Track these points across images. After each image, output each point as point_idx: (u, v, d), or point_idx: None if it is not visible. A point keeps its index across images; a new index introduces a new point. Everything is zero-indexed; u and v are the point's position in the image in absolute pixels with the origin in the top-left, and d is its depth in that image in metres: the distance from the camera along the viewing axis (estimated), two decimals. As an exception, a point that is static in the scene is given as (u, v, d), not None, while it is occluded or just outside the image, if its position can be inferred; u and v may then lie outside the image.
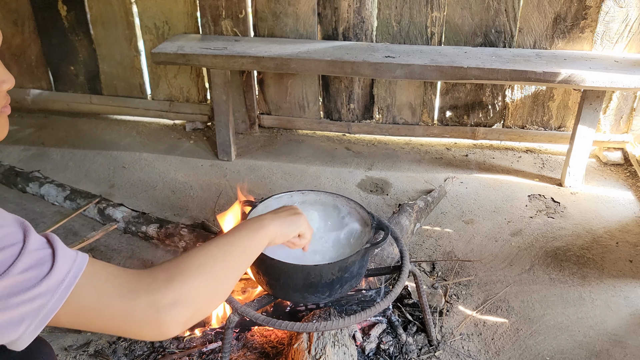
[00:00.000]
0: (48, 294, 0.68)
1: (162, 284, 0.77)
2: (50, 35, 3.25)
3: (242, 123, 3.21)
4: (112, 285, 0.74)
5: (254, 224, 1.06)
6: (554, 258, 2.21)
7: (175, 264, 0.82)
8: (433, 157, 3.03)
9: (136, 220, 2.27)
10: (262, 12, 2.94)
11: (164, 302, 0.75)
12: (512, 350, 1.76)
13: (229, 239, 0.96)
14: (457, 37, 2.87)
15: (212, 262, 0.86)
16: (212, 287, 0.84)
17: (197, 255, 0.86)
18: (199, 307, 0.81)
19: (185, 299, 0.78)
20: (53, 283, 0.68)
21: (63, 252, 0.72)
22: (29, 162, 2.88)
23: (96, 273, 0.74)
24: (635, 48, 2.75)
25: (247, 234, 1.00)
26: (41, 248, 0.70)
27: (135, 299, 0.74)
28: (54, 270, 0.69)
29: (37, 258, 0.69)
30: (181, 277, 0.79)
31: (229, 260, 0.91)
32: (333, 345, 1.47)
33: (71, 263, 0.71)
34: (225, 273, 0.88)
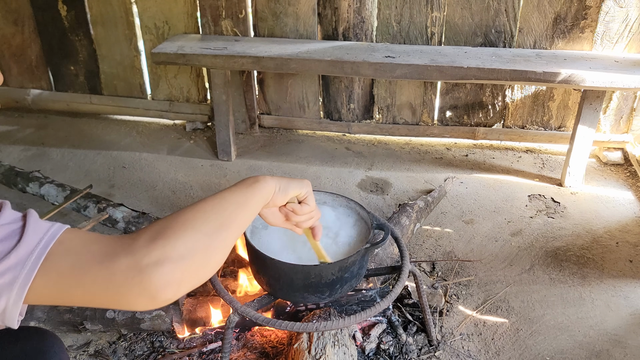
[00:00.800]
0: (18, 266, 0.65)
1: (144, 243, 0.70)
2: (50, 35, 3.25)
3: (242, 123, 3.21)
4: (90, 250, 0.69)
5: (249, 179, 0.97)
6: (554, 258, 2.21)
7: (159, 223, 0.75)
8: (433, 157, 3.03)
9: (136, 220, 2.27)
10: (262, 12, 2.94)
11: (147, 261, 0.68)
12: (512, 350, 1.76)
13: (220, 194, 0.88)
14: (457, 37, 2.87)
15: (200, 216, 0.79)
16: (204, 243, 0.76)
17: (183, 212, 0.79)
18: (191, 265, 0.73)
19: (172, 256, 0.70)
20: (22, 254, 0.66)
21: (35, 223, 0.69)
22: (29, 162, 2.88)
23: (73, 240, 0.70)
24: (635, 48, 2.75)
25: (239, 189, 0.93)
26: (12, 222, 0.68)
27: (115, 261, 0.68)
28: (23, 241, 0.66)
29: (7, 232, 0.67)
30: (165, 234, 0.72)
31: (221, 213, 0.83)
32: (333, 345, 1.47)
33: (43, 233, 0.68)
34: (217, 227, 0.79)
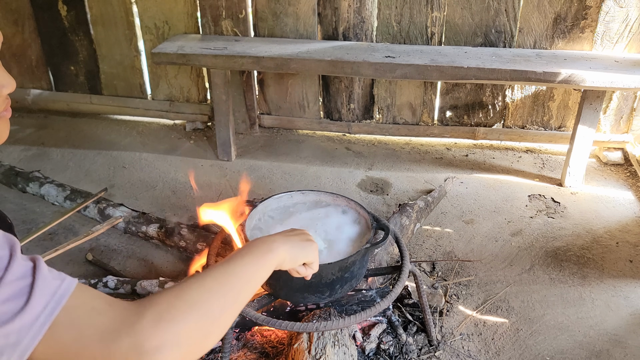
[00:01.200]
0: (23, 331, 0.63)
1: (148, 325, 0.69)
2: (50, 35, 3.25)
3: (242, 123, 3.21)
4: (93, 324, 0.67)
5: (261, 246, 0.95)
6: (554, 258, 2.21)
7: (165, 300, 0.73)
8: (433, 157, 3.03)
9: (136, 220, 2.27)
10: (262, 12, 2.94)
11: (148, 346, 0.67)
12: (512, 350, 1.76)
13: (230, 267, 0.85)
14: (457, 37, 2.87)
15: (207, 297, 0.77)
16: (205, 327, 0.75)
17: (190, 288, 0.77)
18: (190, 348, 0.72)
19: (172, 342, 0.69)
20: (27, 320, 0.63)
21: (42, 283, 0.66)
22: (29, 162, 2.88)
23: (78, 309, 0.68)
24: (635, 48, 2.75)
25: (251, 261, 0.90)
26: (22, 277, 0.66)
27: (116, 342, 0.67)
28: (29, 305, 0.64)
29: (15, 290, 0.64)
30: (169, 316, 0.71)
31: (228, 293, 0.81)
32: (333, 345, 1.47)
33: (50, 296, 0.66)
34: (221, 309, 0.78)
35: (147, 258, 2.17)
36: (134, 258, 2.18)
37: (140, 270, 2.11)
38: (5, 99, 0.81)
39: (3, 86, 0.78)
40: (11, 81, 0.80)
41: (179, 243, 2.15)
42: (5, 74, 0.79)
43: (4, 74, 0.78)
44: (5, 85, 0.79)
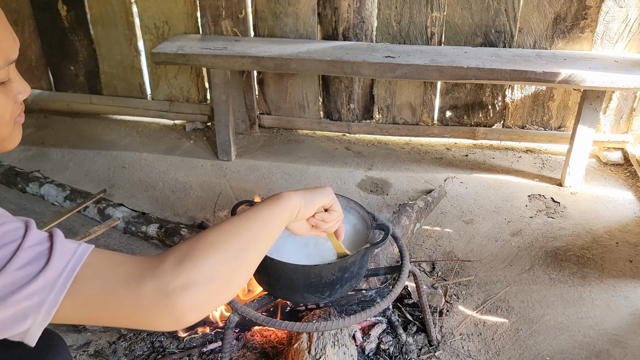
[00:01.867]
0: (46, 289, 0.66)
1: (171, 267, 0.71)
2: (50, 35, 3.25)
3: (242, 123, 3.21)
4: (117, 273, 0.70)
5: (272, 197, 0.97)
6: (554, 258, 2.21)
7: (185, 245, 0.76)
8: (433, 157, 3.03)
9: (136, 220, 2.27)
10: (262, 12, 2.94)
11: (174, 285, 0.69)
12: (512, 350, 1.76)
13: (245, 214, 0.87)
14: (457, 37, 2.87)
15: (226, 238, 0.79)
16: (229, 265, 0.76)
17: (208, 233, 0.79)
18: (216, 288, 0.74)
19: (198, 280, 0.71)
20: (50, 277, 0.66)
21: (62, 245, 0.69)
22: (29, 162, 2.88)
23: (100, 262, 0.71)
24: (635, 48, 2.75)
25: (264, 207, 0.92)
26: (39, 243, 0.69)
27: (142, 285, 0.69)
28: (50, 264, 0.67)
29: (35, 253, 0.67)
30: (191, 257, 0.73)
31: (246, 234, 0.82)
32: (333, 345, 1.47)
33: (70, 255, 0.69)
34: (243, 248, 0.80)
35: (147, 258, 2.17)
36: (133, 258, 2.17)
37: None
38: (20, 105, 0.83)
39: (19, 92, 0.80)
40: (27, 87, 0.82)
41: (178, 243, 2.15)
42: (22, 80, 0.81)
43: (21, 81, 0.80)
44: (21, 92, 0.81)
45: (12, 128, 0.82)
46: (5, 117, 0.79)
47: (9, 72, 0.77)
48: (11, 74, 0.78)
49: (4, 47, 0.75)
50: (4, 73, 0.75)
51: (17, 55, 0.78)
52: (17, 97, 0.80)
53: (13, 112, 0.80)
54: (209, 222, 2.35)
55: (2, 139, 0.81)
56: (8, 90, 0.78)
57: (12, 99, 0.79)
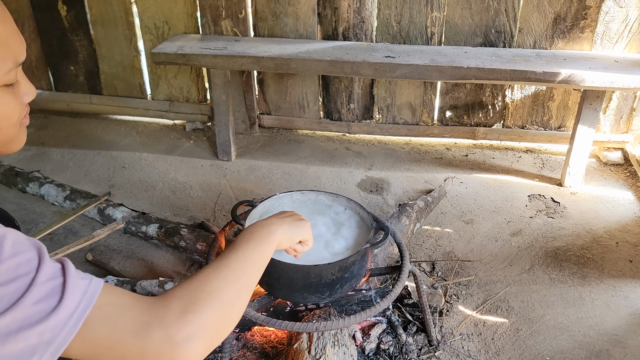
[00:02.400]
0: (57, 329, 0.66)
1: (176, 317, 0.73)
2: (50, 35, 3.25)
3: (242, 123, 3.21)
4: (125, 319, 0.71)
5: (261, 231, 1.01)
6: (554, 258, 2.21)
7: (187, 292, 0.78)
8: (433, 157, 3.03)
9: (136, 220, 2.27)
10: (262, 12, 2.94)
11: (179, 337, 0.72)
12: (512, 350, 1.76)
13: (240, 254, 0.91)
14: (457, 37, 2.87)
15: (224, 285, 0.82)
16: (225, 313, 0.81)
17: (209, 279, 0.82)
18: (214, 337, 0.78)
19: (200, 331, 0.75)
20: (62, 317, 0.66)
21: (74, 282, 0.69)
22: (29, 162, 2.88)
23: (109, 305, 0.71)
24: (635, 48, 2.75)
25: (256, 246, 0.96)
26: (53, 278, 0.68)
27: (149, 335, 0.71)
28: (63, 303, 0.66)
29: (48, 290, 0.67)
30: (194, 307, 0.76)
31: (241, 280, 0.86)
32: (333, 345, 1.47)
33: (81, 295, 0.69)
34: (237, 295, 0.84)
35: (147, 258, 2.17)
36: (134, 258, 2.18)
37: (140, 270, 2.11)
38: (26, 107, 0.84)
39: (26, 94, 0.81)
40: (33, 89, 0.83)
41: (178, 243, 2.15)
42: (28, 82, 0.82)
43: (27, 83, 0.81)
44: (27, 94, 0.82)
45: (19, 130, 0.82)
46: (14, 118, 0.80)
47: (17, 74, 0.78)
48: (19, 76, 0.79)
49: (14, 49, 0.76)
50: (13, 75, 0.76)
51: (25, 56, 0.79)
52: (24, 98, 0.81)
53: (20, 113, 0.81)
54: (209, 222, 2.35)
55: (8, 140, 0.82)
56: (17, 92, 0.79)
57: (20, 100, 0.80)
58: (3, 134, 0.80)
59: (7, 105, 0.77)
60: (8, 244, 0.66)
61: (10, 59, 0.75)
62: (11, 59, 0.75)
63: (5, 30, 0.74)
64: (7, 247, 0.66)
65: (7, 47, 0.74)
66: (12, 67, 0.75)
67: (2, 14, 0.74)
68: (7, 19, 0.75)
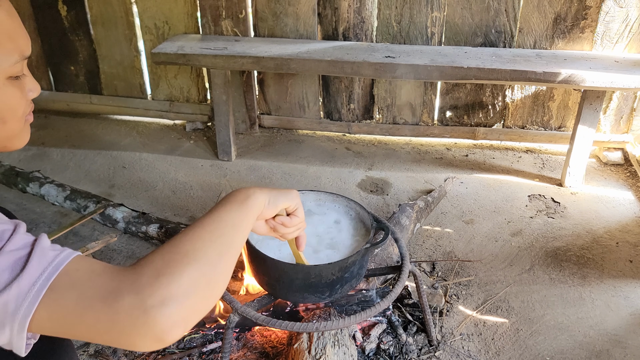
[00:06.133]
0: (20, 297, 0.64)
1: (148, 280, 0.67)
2: (50, 35, 3.25)
3: (242, 123, 3.21)
4: (94, 284, 0.67)
5: (238, 195, 0.93)
6: (554, 258, 2.21)
7: (159, 256, 0.72)
8: (433, 157, 3.03)
9: (136, 220, 2.27)
10: (262, 12, 2.94)
11: (152, 301, 0.66)
12: (512, 350, 1.76)
13: (216, 216, 0.85)
14: (457, 37, 2.87)
15: (201, 246, 0.76)
16: (207, 274, 0.73)
17: (183, 241, 0.76)
18: (197, 300, 0.71)
19: (177, 294, 0.68)
20: (24, 285, 0.64)
21: (41, 252, 0.67)
22: (29, 162, 2.88)
23: (78, 272, 0.68)
24: (636, 48, 2.75)
25: (233, 207, 0.89)
26: (21, 248, 0.67)
27: (118, 300, 0.65)
28: (25, 271, 0.65)
29: (14, 259, 0.66)
30: (168, 269, 0.70)
31: (220, 240, 0.80)
32: (333, 345, 1.47)
33: (47, 263, 0.66)
34: (218, 255, 0.77)
35: (147, 258, 2.17)
36: (134, 258, 2.18)
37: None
38: (30, 104, 0.86)
39: (30, 90, 0.84)
40: (37, 86, 0.86)
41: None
42: (33, 79, 0.84)
43: (32, 80, 0.84)
44: (32, 90, 0.84)
45: (23, 126, 0.84)
46: (19, 112, 0.82)
47: (23, 67, 0.81)
48: (24, 71, 0.82)
49: (20, 42, 0.79)
50: (19, 67, 0.79)
51: (30, 51, 0.82)
52: (29, 94, 0.83)
53: (25, 108, 0.83)
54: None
55: (13, 135, 0.83)
56: (22, 86, 0.82)
57: (25, 95, 0.83)
58: (8, 128, 0.82)
59: (13, 97, 0.80)
60: None
61: (16, 52, 0.78)
62: (18, 52, 0.78)
63: (12, 24, 0.77)
64: None
65: (14, 40, 0.78)
66: (18, 59, 0.78)
67: (9, 9, 0.77)
68: (13, 14, 0.78)
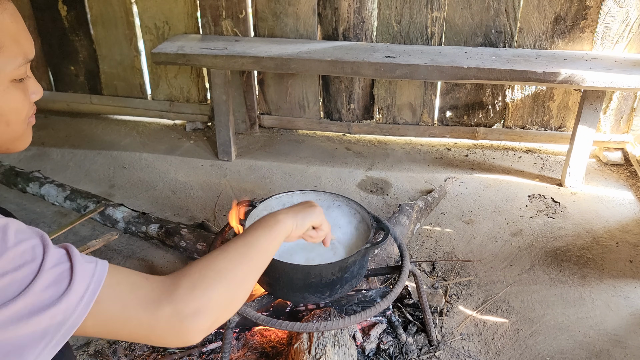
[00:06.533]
0: (69, 311, 0.68)
1: (185, 292, 0.78)
2: (50, 35, 3.25)
3: (242, 123, 3.21)
4: (136, 296, 0.75)
5: (269, 220, 1.04)
6: (554, 258, 2.21)
7: (196, 270, 0.82)
8: (433, 157, 3.03)
9: (136, 220, 2.27)
10: (262, 12, 2.94)
11: (187, 312, 0.77)
12: (512, 350, 1.76)
13: (247, 240, 0.95)
14: (457, 37, 2.87)
15: (231, 267, 0.86)
16: (232, 292, 0.85)
17: (217, 259, 0.86)
18: (220, 314, 0.82)
19: (207, 307, 0.79)
20: (72, 300, 0.69)
21: (81, 266, 0.71)
22: (29, 162, 2.88)
23: (119, 285, 0.75)
24: (635, 48, 2.75)
25: (263, 233, 0.99)
26: (59, 263, 0.70)
27: (159, 310, 0.75)
28: (72, 286, 0.69)
29: (56, 275, 0.69)
30: (203, 284, 0.80)
31: (248, 263, 0.90)
32: (333, 345, 1.47)
33: (90, 277, 0.71)
34: (244, 277, 0.88)
35: (147, 258, 2.17)
36: (134, 258, 2.18)
37: (140, 270, 2.10)
38: (33, 106, 0.87)
39: (33, 93, 0.85)
40: (40, 89, 0.87)
41: (179, 243, 2.15)
42: (36, 82, 0.86)
43: (35, 82, 0.86)
44: (35, 92, 0.86)
45: (26, 128, 0.86)
46: (22, 114, 0.83)
47: (26, 70, 0.82)
48: (28, 73, 0.83)
49: (24, 45, 0.80)
50: (22, 70, 0.80)
51: (34, 54, 0.83)
52: (31, 97, 0.85)
53: (28, 111, 0.85)
54: (209, 222, 2.35)
55: (16, 137, 0.85)
56: (25, 88, 0.83)
57: (29, 97, 0.84)
58: (12, 129, 0.83)
59: (17, 100, 0.81)
60: (12, 232, 0.68)
61: (20, 55, 0.79)
62: (22, 55, 0.79)
63: (16, 27, 0.78)
64: (11, 236, 0.68)
65: (18, 43, 0.79)
66: (22, 62, 0.79)
67: (13, 13, 0.78)
68: (18, 18, 0.79)
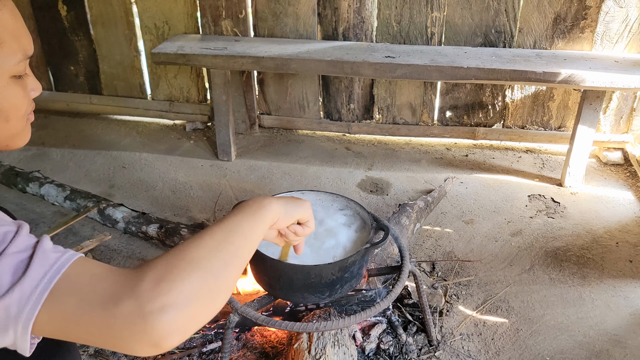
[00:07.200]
0: (22, 300, 0.64)
1: (149, 286, 0.66)
2: (50, 35, 3.25)
3: (242, 123, 3.21)
4: (95, 289, 0.66)
5: (252, 205, 0.92)
6: (554, 258, 2.21)
7: (164, 262, 0.71)
8: (433, 157, 3.03)
9: (136, 220, 2.27)
10: (262, 12, 2.94)
11: (151, 308, 0.65)
12: (512, 350, 1.76)
13: (225, 225, 0.83)
14: (457, 37, 2.87)
15: (207, 255, 0.74)
16: (210, 284, 0.72)
17: (189, 248, 0.74)
18: (197, 309, 0.69)
19: (177, 301, 0.66)
20: (26, 288, 0.64)
21: (42, 255, 0.67)
22: (29, 162, 2.88)
23: (80, 275, 0.67)
24: (635, 48, 2.75)
25: (245, 217, 0.87)
26: (24, 250, 0.67)
27: (118, 305, 0.65)
28: (27, 275, 0.65)
29: (16, 261, 0.66)
30: (170, 276, 0.68)
31: (227, 249, 0.78)
32: (333, 345, 1.47)
33: (49, 266, 0.66)
34: (223, 265, 0.75)
35: (147, 258, 2.17)
36: (134, 258, 2.18)
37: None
38: (32, 103, 0.88)
39: (32, 89, 0.86)
40: (39, 86, 0.87)
41: (179, 243, 2.15)
42: (35, 79, 0.86)
43: (34, 79, 0.86)
44: (34, 89, 0.86)
45: (25, 124, 0.86)
46: (21, 110, 0.83)
47: (25, 66, 0.83)
48: (27, 70, 0.84)
49: (23, 41, 0.81)
50: (22, 66, 0.81)
51: (33, 50, 0.83)
52: (30, 94, 0.85)
53: (27, 107, 0.85)
54: (209, 222, 2.35)
55: (15, 133, 0.85)
56: (25, 84, 0.83)
57: (28, 94, 0.84)
58: (11, 125, 0.83)
59: (17, 96, 0.81)
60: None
61: (20, 51, 0.79)
62: (21, 51, 0.80)
63: (16, 24, 0.79)
64: None
65: (18, 39, 0.79)
66: (21, 58, 0.80)
67: (12, 9, 0.79)
68: (17, 15, 0.80)
